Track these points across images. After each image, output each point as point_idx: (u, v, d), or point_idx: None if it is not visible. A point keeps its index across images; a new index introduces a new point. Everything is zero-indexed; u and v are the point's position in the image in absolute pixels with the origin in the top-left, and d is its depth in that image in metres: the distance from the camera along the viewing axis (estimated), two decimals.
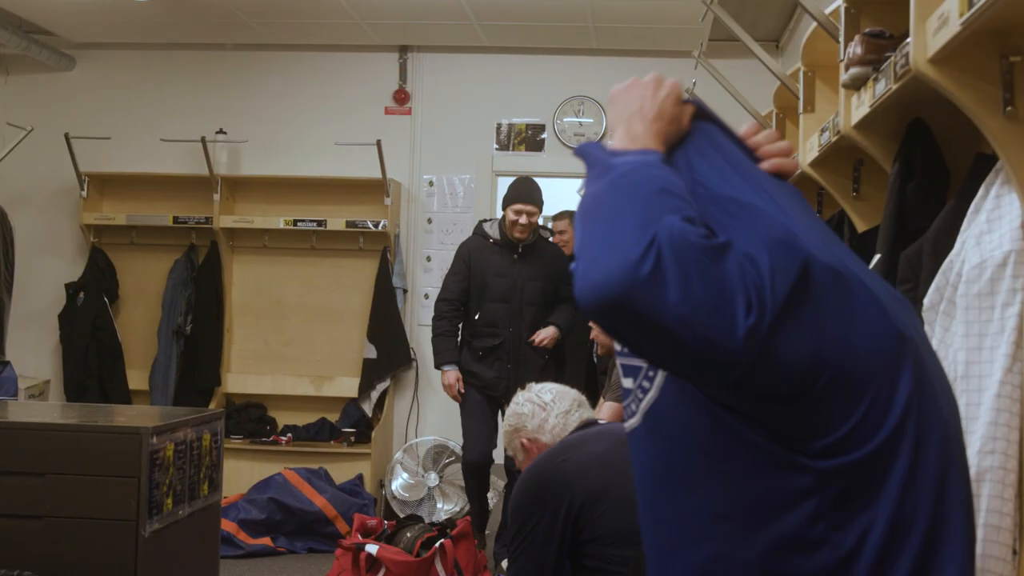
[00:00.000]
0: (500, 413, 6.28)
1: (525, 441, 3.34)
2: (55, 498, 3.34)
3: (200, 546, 3.89)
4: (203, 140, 7.79)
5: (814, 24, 3.48)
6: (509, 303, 6.36)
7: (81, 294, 7.97)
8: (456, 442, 7.06)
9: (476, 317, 6.41)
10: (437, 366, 6.46)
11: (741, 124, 5.55)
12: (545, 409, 3.33)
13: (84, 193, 8.04)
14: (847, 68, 2.91)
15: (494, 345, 6.36)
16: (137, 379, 8.01)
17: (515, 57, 8.11)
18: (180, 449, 3.50)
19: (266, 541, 6.68)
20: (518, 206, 6.26)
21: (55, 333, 8.05)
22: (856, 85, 2.93)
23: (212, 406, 7.71)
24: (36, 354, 8.09)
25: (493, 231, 6.46)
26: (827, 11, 3.31)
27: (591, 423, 3.37)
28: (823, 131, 3.49)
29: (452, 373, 6.35)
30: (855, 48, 2.86)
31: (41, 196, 8.27)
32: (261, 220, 7.97)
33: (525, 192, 6.31)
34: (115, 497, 3.30)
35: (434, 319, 6.49)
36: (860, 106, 2.92)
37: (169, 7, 7.01)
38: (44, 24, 7.77)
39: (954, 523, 1.52)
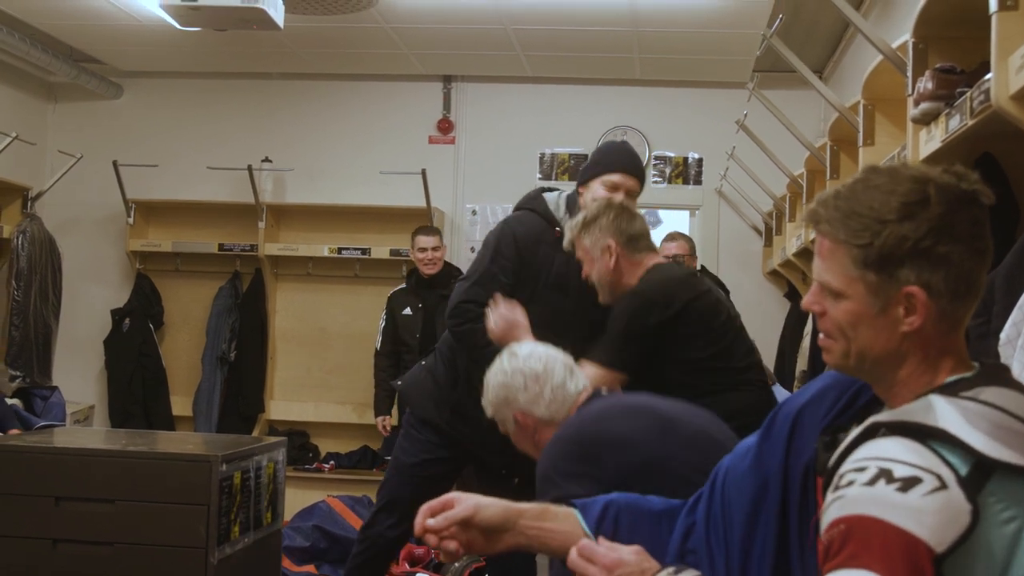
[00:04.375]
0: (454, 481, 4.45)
1: (519, 415, 2.99)
2: (125, 525, 3.38)
3: (262, 573, 3.93)
4: (249, 168, 7.84)
5: (879, 58, 3.50)
6: (565, 335, 3.48)
7: (127, 320, 8.02)
8: None
9: None
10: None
11: (792, 155, 5.51)
12: (538, 382, 2.97)
13: (131, 220, 8.11)
14: (917, 103, 2.93)
15: None
16: (181, 405, 8.04)
17: (559, 87, 8.13)
18: (247, 477, 3.54)
19: (310, 569, 6.68)
20: (617, 177, 3.82)
21: (100, 359, 8.10)
22: (926, 120, 2.95)
23: (255, 433, 7.74)
24: (82, 379, 8.12)
25: (561, 211, 3.97)
26: (893, 45, 3.33)
27: (597, 395, 3.05)
28: None
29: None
30: (926, 83, 2.87)
31: (88, 222, 8.34)
32: (305, 248, 8.02)
33: (626, 157, 3.94)
34: (185, 524, 3.34)
35: (459, 322, 4.00)
36: (930, 140, 2.94)
37: (216, 36, 7.06)
38: (92, 52, 7.85)
39: None
